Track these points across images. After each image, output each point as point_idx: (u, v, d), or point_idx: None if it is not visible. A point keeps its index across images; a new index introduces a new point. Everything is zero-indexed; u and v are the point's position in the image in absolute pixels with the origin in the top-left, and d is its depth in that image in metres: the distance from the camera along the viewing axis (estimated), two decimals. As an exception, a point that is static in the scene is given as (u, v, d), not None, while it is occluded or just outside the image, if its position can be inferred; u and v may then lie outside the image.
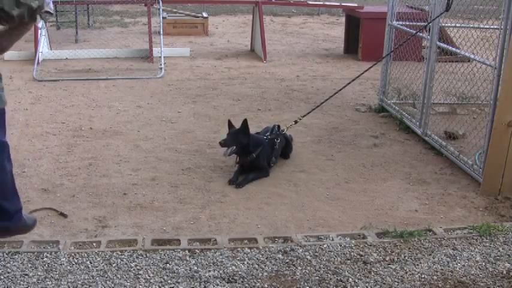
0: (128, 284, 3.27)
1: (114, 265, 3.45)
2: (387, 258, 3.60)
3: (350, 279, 3.37)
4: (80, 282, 3.27)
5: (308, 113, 5.60)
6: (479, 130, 5.08)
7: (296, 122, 5.40)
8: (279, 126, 5.23)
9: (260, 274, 3.40)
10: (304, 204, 4.37)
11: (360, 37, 10.09)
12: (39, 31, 9.03)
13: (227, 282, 3.30)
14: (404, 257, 3.63)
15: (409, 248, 3.73)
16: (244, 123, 4.82)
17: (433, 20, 5.45)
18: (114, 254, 3.56)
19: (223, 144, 4.82)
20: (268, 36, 11.39)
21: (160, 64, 8.75)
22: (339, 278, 3.37)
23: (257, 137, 5.06)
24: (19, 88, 7.67)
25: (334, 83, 8.33)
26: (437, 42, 5.57)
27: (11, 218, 3.25)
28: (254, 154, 4.82)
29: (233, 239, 3.79)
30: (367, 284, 3.32)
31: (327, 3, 12.46)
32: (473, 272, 3.48)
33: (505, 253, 3.71)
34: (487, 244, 3.81)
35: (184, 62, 9.66)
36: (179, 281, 3.31)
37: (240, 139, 4.81)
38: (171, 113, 6.66)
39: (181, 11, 13.85)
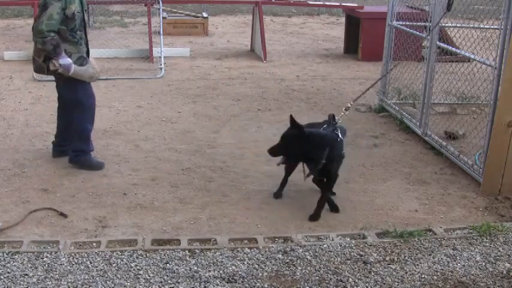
0: (128, 284, 3.27)
1: (114, 265, 3.45)
2: (387, 258, 3.60)
3: (350, 279, 3.37)
4: (80, 282, 3.27)
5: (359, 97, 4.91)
6: (479, 130, 5.08)
7: (347, 109, 4.55)
8: (334, 116, 4.30)
9: (260, 274, 3.40)
10: (304, 204, 4.36)
11: (360, 37, 10.09)
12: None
13: (227, 282, 3.31)
14: (404, 257, 3.63)
15: (409, 248, 3.73)
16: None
17: (437, 23, 5.45)
18: (114, 254, 3.56)
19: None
20: (268, 36, 11.38)
21: (160, 64, 8.74)
22: (339, 278, 3.37)
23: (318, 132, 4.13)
24: (19, 88, 7.67)
25: (334, 83, 8.33)
26: (438, 42, 5.57)
27: (74, 151, 4.91)
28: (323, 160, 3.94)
29: (233, 239, 3.79)
30: (367, 284, 3.32)
31: (327, 3, 12.45)
32: (473, 272, 3.48)
33: (505, 253, 3.71)
34: (487, 244, 3.81)
35: (184, 62, 9.65)
36: (179, 281, 3.31)
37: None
38: (171, 113, 6.66)
39: (181, 11, 13.83)
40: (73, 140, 4.94)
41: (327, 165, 3.97)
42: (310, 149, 3.93)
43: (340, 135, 4.06)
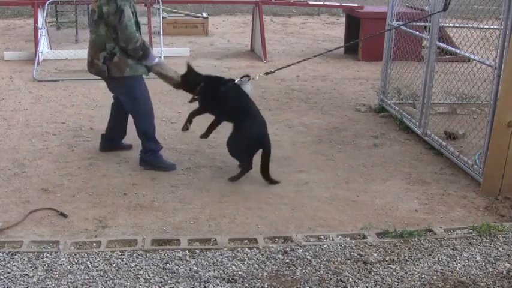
0: (128, 284, 3.27)
1: (114, 265, 3.45)
2: (387, 258, 3.60)
3: (350, 279, 3.37)
4: (80, 282, 3.27)
5: (285, 66, 5.60)
6: (479, 130, 5.08)
7: (268, 73, 5.14)
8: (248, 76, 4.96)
9: (260, 274, 3.40)
10: (304, 204, 4.37)
11: (360, 37, 10.09)
12: (39, 31, 9.03)
13: (227, 282, 3.31)
14: (404, 257, 3.63)
15: (409, 248, 3.73)
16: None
17: (430, 15, 5.45)
18: (114, 254, 3.57)
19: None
20: (268, 36, 11.37)
21: (161, 64, 8.72)
22: (339, 278, 3.37)
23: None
24: (19, 88, 7.67)
25: (334, 83, 8.33)
26: (437, 42, 5.57)
27: (145, 152, 4.97)
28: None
29: (233, 239, 3.79)
30: (367, 284, 3.33)
31: (327, 3, 12.45)
32: (473, 272, 3.48)
33: (505, 253, 3.71)
34: (487, 244, 3.81)
35: (185, 62, 9.64)
36: (179, 281, 3.31)
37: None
38: (171, 113, 6.66)
39: (181, 11, 13.83)
40: (141, 141, 4.99)
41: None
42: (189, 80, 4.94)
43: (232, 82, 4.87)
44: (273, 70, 5.22)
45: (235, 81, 4.84)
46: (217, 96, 4.77)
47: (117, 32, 4.57)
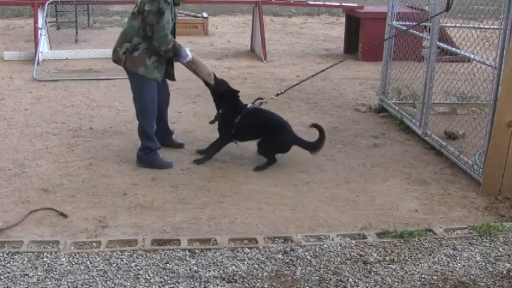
0: (128, 284, 3.27)
1: (114, 265, 3.45)
2: (387, 258, 3.60)
3: (350, 279, 3.37)
4: (80, 282, 3.27)
5: (288, 89, 5.87)
6: (479, 130, 5.08)
7: (278, 94, 5.57)
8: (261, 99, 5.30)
9: (260, 274, 3.40)
10: (304, 204, 4.37)
11: (360, 37, 10.09)
12: (39, 31, 9.03)
13: (227, 282, 3.31)
14: (404, 257, 3.63)
15: (409, 248, 3.73)
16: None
17: (433, 16, 5.45)
18: (114, 254, 3.57)
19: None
20: (268, 36, 11.38)
21: (160, 64, 8.73)
22: (339, 278, 3.37)
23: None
24: (19, 88, 7.67)
25: (334, 83, 8.33)
26: (438, 42, 5.57)
27: (142, 150, 5.04)
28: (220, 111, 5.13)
29: (233, 239, 3.80)
30: (367, 284, 3.33)
31: (327, 3, 12.45)
32: (473, 272, 3.48)
33: (505, 253, 3.71)
34: (487, 244, 3.81)
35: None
36: (179, 281, 3.31)
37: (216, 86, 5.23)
38: (171, 113, 6.62)
39: (181, 11, 13.82)
40: (141, 140, 5.05)
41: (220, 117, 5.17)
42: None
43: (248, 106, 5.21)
44: (283, 91, 5.65)
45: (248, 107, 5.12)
46: (236, 125, 5.06)
47: (153, 31, 4.68)
